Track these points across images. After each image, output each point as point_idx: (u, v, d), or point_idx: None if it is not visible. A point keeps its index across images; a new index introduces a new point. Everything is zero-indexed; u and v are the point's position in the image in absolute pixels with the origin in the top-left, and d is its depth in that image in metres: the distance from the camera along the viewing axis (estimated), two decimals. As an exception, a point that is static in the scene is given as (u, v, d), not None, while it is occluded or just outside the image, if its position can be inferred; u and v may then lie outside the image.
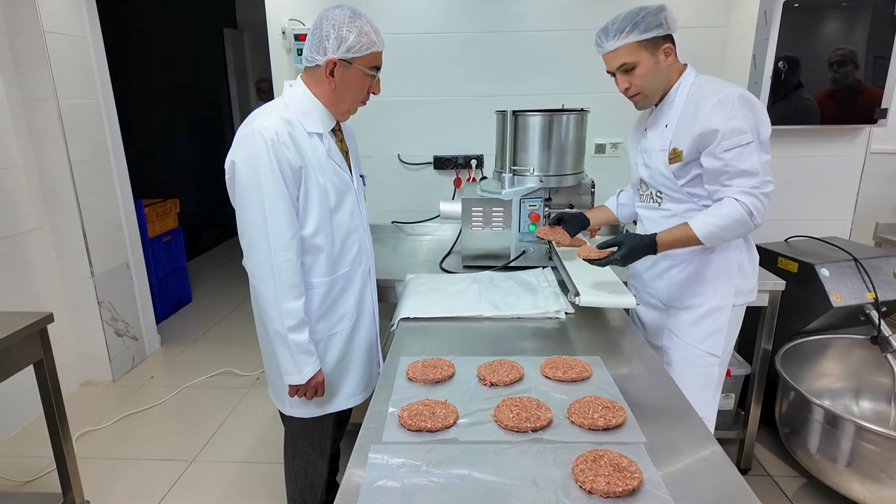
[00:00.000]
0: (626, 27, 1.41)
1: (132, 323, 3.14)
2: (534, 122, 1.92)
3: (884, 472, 1.71)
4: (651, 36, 1.41)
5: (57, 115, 2.60)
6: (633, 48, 1.43)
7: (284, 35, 2.54)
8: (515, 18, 2.53)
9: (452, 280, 1.85)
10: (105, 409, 2.70)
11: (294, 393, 1.45)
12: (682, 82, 1.49)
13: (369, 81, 1.40)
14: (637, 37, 1.41)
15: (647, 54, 1.43)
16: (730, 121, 1.37)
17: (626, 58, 1.44)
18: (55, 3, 2.59)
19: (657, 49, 1.44)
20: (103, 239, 2.91)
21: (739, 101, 1.38)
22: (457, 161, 2.68)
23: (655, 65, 1.45)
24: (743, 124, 1.37)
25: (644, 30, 1.41)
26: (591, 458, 0.93)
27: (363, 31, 1.32)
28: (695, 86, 1.47)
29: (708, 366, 1.61)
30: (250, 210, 1.33)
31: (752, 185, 1.39)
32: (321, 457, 1.61)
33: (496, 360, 1.28)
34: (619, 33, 1.42)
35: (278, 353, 1.40)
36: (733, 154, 1.38)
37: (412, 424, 1.04)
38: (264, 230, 1.32)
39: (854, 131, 2.38)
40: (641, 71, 1.45)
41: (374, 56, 1.36)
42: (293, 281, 1.36)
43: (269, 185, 1.30)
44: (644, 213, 1.68)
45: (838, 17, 2.19)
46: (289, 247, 1.34)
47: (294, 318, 1.37)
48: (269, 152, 1.29)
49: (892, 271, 2.09)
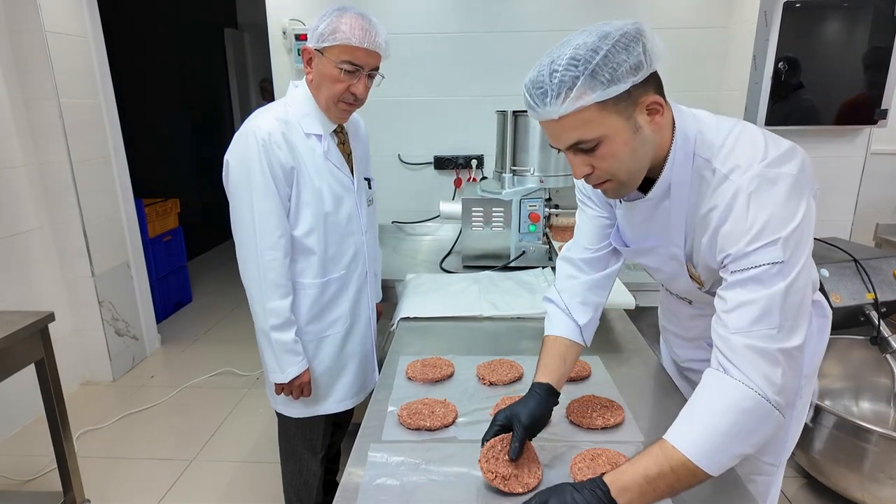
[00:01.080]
0: (578, 78, 0.79)
1: (132, 322, 3.14)
2: (534, 123, 1.92)
3: (882, 473, 1.71)
4: (623, 89, 0.80)
5: (58, 114, 2.60)
6: (593, 114, 0.81)
7: (285, 35, 2.55)
8: (516, 19, 2.53)
9: (452, 280, 1.86)
10: (105, 409, 2.70)
11: (280, 391, 1.47)
12: (676, 151, 0.89)
13: (344, 78, 1.32)
14: (596, 96, 0.79)
15: (619, 120, 0.82)
16: (751, 231, 0.81)
17: (581, 130, 0.82)
18: (56, 3, 2.59)
19: (635, 108, 0.83)
20: (104, 239, 2.91)
21: (785, 186, 0.81)
22: (457, 161, 2.68)
23: (633, 135, 0.84)
24: (772, 229, 0.80)
25: (609, 80, 0.79)
26: (589, 456, 0.93)
27: (341, 22, 1.29)
28: (697, 156, 0.89)
29: (763, 474, 1.16)
30: (240, 208, 1.35)
31: (760, 335, 0.79)
32: (313, 456, 1.61)
33: (495, 360, 1.29)
34: (564, 90, 0.79)
35: (262, 351, 1.43)
36: (737, 279, 0.82)
37: (411, 423, 1.04)
38: (252, 228, 1.34)
39: (854, 132, 2.38)
40: (610, 149, 0.84)
41: (344, 49, 1.29)
42: (279, 280, 1.37)
43: (259, 184, 1.31)
44: (670, 305, 1.22)
45: (839, 18, 2.19)
46: (276, 246, 1.35)
47: (278, 317, 1.37)
48: (260, 151, 1.30)
49: (891, 272, 2.09)
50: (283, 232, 1.37)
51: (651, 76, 0.84)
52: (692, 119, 0.91)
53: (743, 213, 0.81)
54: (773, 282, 0.79)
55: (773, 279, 0.79)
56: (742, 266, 0.81)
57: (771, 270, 0.79)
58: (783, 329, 0.79)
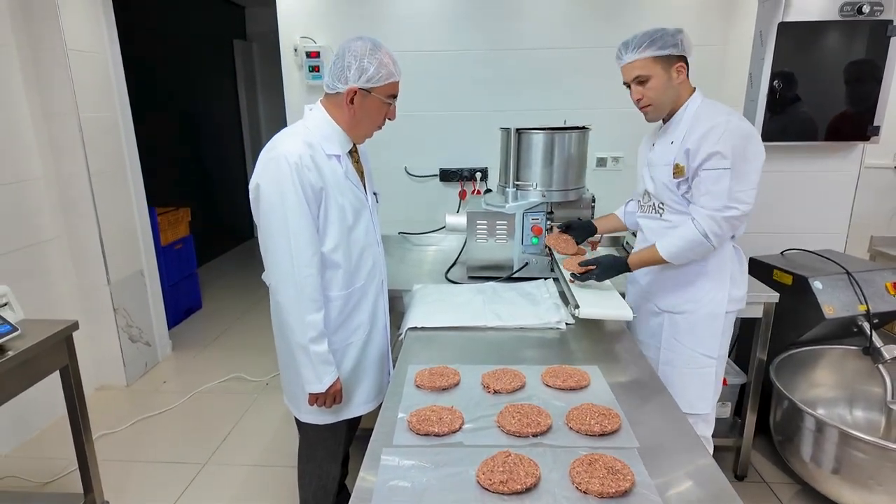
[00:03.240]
0: (645, 42, 1.54)
1: (145, 329, 3.23)
2: (536, 140, 2.00)
3: (872, 479, 1.77)
4: (666, 53, 1.54)
5: (77, 127, 2.70)
6: (649, 62, 1.55)
7: (296, 52, 2.63)
8: (520, 37, 2.61)
9: (457, 291, 1.93)
10: (120, 413, 2.78)
11: (314, 402, 1.53)
12: (690, 104, 1.61)
13: (386, 108, 1.49)
14: (653, 52, 1.54)
15: (661, 69, 1.56)
16: (716, 145, 1.50)
17: (641, 70, 1.56)
18: (77, 21, 2.70)
19: (670, 66, 1.56)
20: (119, 247, 3.00)
21: (731, 130, 1.51)
22: (462, 173, 2.76)
23: (667, 80, 1.56)
24: (726, 151, 1.49)
25: (660, 47, 1.53)
26: (587, 461, 1.00)
27: (383, 62, 1.41)
28: (700, 108, 1.59)
29: (704, 366, 1.71)
30: (275, 229, 1.41)
31: (714, 207, 1.53)
32: (334, 461, 1.68)
33: (499, 369, 1.36)
34: (638, 47, 1.55)
35: (300, 364, 1.48)
36: (706, 174, 1.53)
37: (420, 429, 1.11)
38: (288, 248, 1.40)
39: (848, 147, 2.45)
40: (654, 84, 1.57)
41: (391, 86, 1.46)
42: (314, 295, 1.44)
43: (294, 205, 1.39)
44: (646, 223, 1.79)
45: (833, 36, 2.26)
46: (311, 263, 1.43)
47: (315, 330, 1.45)
48: (293, 175, 1.38)
49: (883, 284, 2.15)
50: (316, 249, 1.44)
51: (682, 56, 1.56)
52: (702, 98, 1.63)
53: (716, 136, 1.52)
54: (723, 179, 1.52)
55: (723, 178, 1.52)
56: (705, 167, 1.52)
57: (723, 173, 1.51)
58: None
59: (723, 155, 1.49)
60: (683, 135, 1.58)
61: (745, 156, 1.51)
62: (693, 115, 1.58)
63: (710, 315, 1.68)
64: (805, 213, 2.51)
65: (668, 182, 1.63)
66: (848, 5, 2.20)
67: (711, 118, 1.54)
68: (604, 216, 2.05)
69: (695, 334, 1.70)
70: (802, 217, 2.52)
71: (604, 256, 1.71)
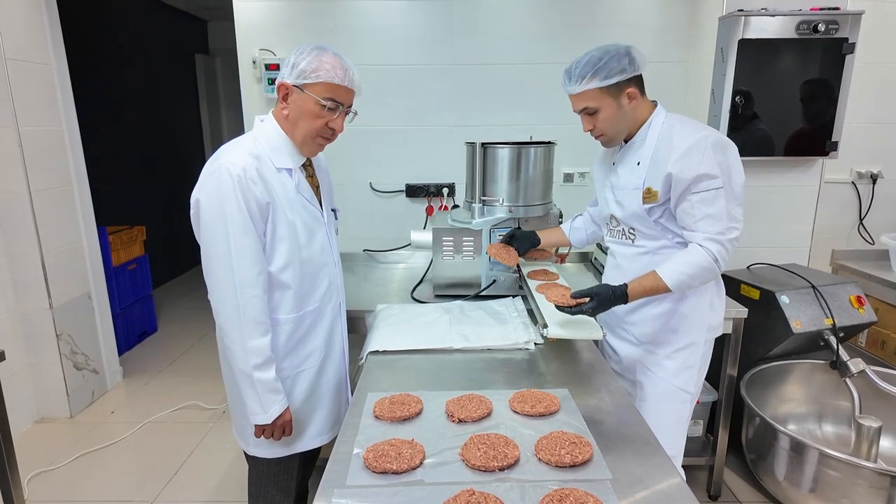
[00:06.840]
0: (588, 73, 1.41)
1: (92, 356, 3.02)
2: (502, 155, 1.95)
3: (846, 499, 1.74)
4: (613, 82, 1.41)
5: (17, 142, 2.53)
6: (595, 94, 1.43)
7: (255, 65, 2.54)
8: (485, 52, 2.59)
9: (423, 310, 1.85)
10: (61, 448, 2.58)
11: (260, 433, 1.41)
12: (654, 120, 1.49)
13: (325, 114, 1.36)
14: (598, 83, 1.41)
15: (610, 99, 1.44)
16: (701, 165, 1.38)
17: (588, 102, 1.45)
18: (17, 29, 2.54)
19: (620, 93, 1.44)
20: (63, 269, 2.81)
21: (713, 147, 1.40)
22: (429, 189, 2.70)
23: (618, 109, 1.45)
24: (714, 170, 1.39)
25: (606, 76, 1.40)
26: (556, 497, 0.92)
27: (322, 61, 1.32)
28: (666, 125, 1.48)
29: (680, 402, 1.61)
30: (215, 246, 1.31)
31: (717, 230, 1.41)
32: (286, 498, 1.56)
33: (465, 395, 1.28)
34: (581, 79, 1.42)
35: (244, 393, 1.36)
36: (700, 198, 1.40)
37: (377, 466, 1.02)
38: (229, 267, 1.30)
39: (809, 162, 2.49)
40: (604, 115, 1.46)
41: (328, 87, 1.34)
42: (259, 318, 1.33)
43: (236, 221, 1.29)
44: (617, 248, 1.66)
45: (790, 54, 2.30)
46: (255, 283, 1.32)
47: (260, 356, 1.33)
48: (236, 188, 1.28)
49: (847, 297, 2.16)
50: (262, 269, 1.34)
51: (635, 77, 1.45)
52: (665, 113, 1.52)
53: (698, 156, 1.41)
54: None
55: (718, 198, 1.41)
56: (694, 190, 1.41)
57: (717, 193, 1.40)
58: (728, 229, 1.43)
59: (711, 175, 1.38)
60: (651, 154, 1.47)
61: (730, 171, 1.41)
62: (661, 133, 1.47)
63: (689, 345, 1.57)
64: (769, 228, 2.53)
65: (637, 209, 1.51)
66: (804, 24, 2.24)
67: (687, 136, 1.42)
68: (549, 228, 1.99)
69: (673, 365, 1.59)
70: (767, 231, 2.53)
71: (600, 287, 1.47)
